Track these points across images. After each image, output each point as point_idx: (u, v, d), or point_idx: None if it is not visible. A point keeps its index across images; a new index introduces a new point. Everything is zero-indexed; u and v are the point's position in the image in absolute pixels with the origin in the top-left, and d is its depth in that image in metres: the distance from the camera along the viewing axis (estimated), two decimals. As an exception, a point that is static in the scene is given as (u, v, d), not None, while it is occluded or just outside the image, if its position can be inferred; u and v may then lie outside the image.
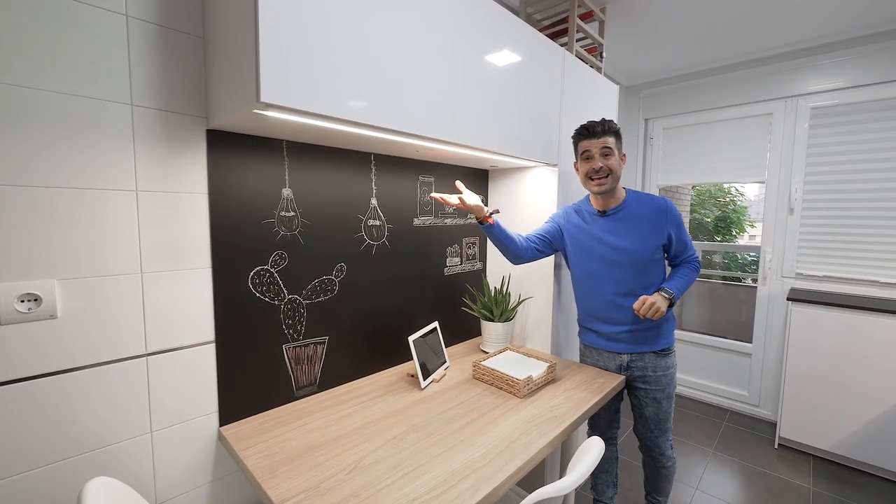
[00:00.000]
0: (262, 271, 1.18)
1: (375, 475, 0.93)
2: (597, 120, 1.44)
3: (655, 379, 1.49)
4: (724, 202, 7.10)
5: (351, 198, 1.38)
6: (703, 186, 7.53)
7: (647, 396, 1.51)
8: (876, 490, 2.02)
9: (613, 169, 1.41)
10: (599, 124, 1.42)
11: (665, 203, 1.46)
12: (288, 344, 1.25)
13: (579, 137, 1.47)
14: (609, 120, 1.43)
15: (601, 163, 1.41)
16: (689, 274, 1.47)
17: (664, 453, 1.57)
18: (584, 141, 1.45)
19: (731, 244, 6.33)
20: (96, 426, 0.93)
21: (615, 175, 1.42)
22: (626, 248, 1.44)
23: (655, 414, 1.52)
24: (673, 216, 1.45)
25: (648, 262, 1.44)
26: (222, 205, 1.08)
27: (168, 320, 1.01)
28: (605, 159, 1.41)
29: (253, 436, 1.08)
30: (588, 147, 1.43)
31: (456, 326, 1.85)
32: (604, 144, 1.41)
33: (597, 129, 1.42)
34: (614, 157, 1.42)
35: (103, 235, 0.91)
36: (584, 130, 1.45)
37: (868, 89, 2.27)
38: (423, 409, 1.25)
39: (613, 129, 1.43)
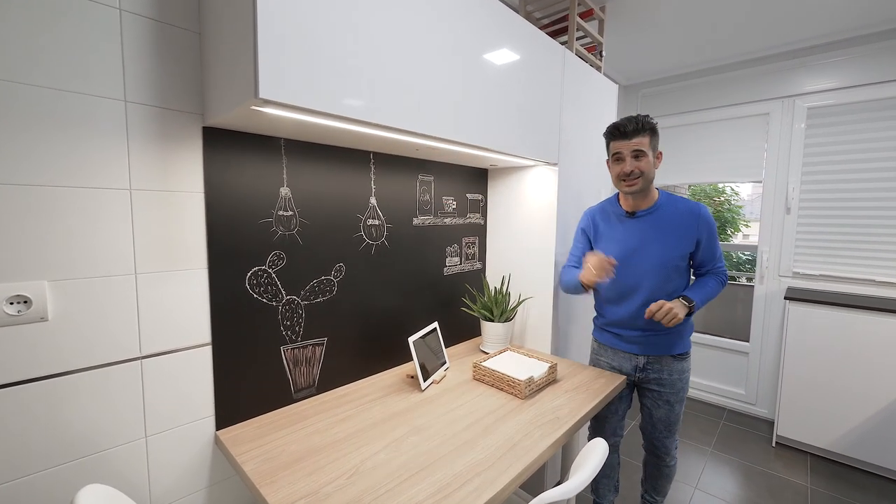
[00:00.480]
0: (259, 272, 1.15)
1: (377, 479, 0.91)
2: (630, 117, 1.36)
3: (671, 382, 1.46)
4: (718, 201, 7.15)
5: (350, 197, 1.36)
6: (699, 186, 7.58)
7: (661, 398, 1.48)
8: (873, 488, 2.03)
9: (645, 171, 1.35)
10: (632, 122, 1.34)
11: (699, 209, 1.39)
12: (286, 345, 1.23)
13: (610, 137, 1.41)
14: (644, 116, 1.35)
15: (632, 166, 1.34)
16: (714, 285, 1.41)
17: (669, 453, 1.55)
18: (615, 141, 1.38)
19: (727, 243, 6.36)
20: (89, 431, 0.91)
21: (647, 177, 1.36)
22: (651, 253, 1.39)
23: (667, 416, 1.50)
24: (706, 224, 1.38)
25: (673, 269, 1.39)
26: (219, 204, 1.06)
27: (163, 322, 0.99)
28: (637, 161, 1.35)
29: (250, 440, 1.06)
30: (619, 149, 1.37)
31: (455, 326, 1.83)
32: (636, 147, 1.34)
33: (628, 129, 1.34)
34: (647, 158, 1.34)
35: (96, 235, 0.89)
36: (615, 130, 1.38)
37: (863, 89, 2.28)
38: (424, 410, 1.23)
39: (648, 127, 1.34)
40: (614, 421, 1.58)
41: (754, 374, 2.71)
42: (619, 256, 1.40)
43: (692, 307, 1.35)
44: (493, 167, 1.83)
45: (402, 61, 1.03)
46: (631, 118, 1.35)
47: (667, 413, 1.49)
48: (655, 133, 1.37)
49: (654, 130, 1.36)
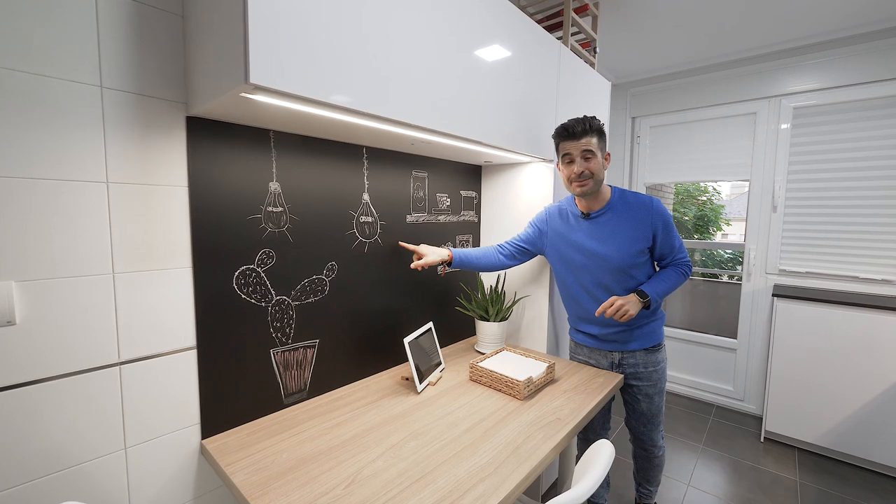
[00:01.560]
0: (247, 271, 1.09)
1: (376, 488, 0.86)
2: (578, 118, 1.36)
3: (647, 375, 1.49)
4: (701, 201, 7.29)
5: (342, 193, 1.31)
6: (683, 185, 7.72)
7: (640, 392, 1.51)
8: (860, 481, 2.07)
9: (595, 172, 1.35)
10: (580, 123, 1.35)
11: (651, 203, 1.40)
12: (276, 348, 1.17)
13: (559, 138, 1.40)
14: (591, 117, 1.36)
15: (581, 167, 1.35)
16: (673, 276, 1.42)
17: (656, 444, 1.58)
18: (565, 142, 1.38)
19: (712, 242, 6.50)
20: (65, 443, 0.84)
21: (597, 178, 1.37)
22: (608, 255, 1.41)
23: (649, 409, 1.52)
24: (660, 216, 1.39)
25: (632, 266, 1.40)
26: (204, 199, 1.00)
27: (144, 325, 0.92)
28: (587, 162, 1.35)
29: (239, 448, 1.00)
30: (568, 150, 1.37)
31: (450, 326, 1.79)
32: (585, 147, 1.34)
33: (577, 130, 1.34)
34: (596, 159, 1.36)
35: (69, 232, 0.82)
36: (563, 131, 1.38)
37: (848, 90, 2.33)
38: (422, 414, 1.19)
39: (596, 128, 1.36)
40: (600, 417, 1.60)
41: (742, 370, 2.75)
42: (578, 258, 1.46)
43: (647, 301, 1.36)
44: (488, 164, 1.80)
45: (398, 50, 0.99)
46: (579, 119, 1.36)
47: (648, 406, 1.52)
48: (603, 134, 1.40)
49: (601, 132, 1.38)
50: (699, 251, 5.45)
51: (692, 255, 5.31)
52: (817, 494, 1.96)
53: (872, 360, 2.07)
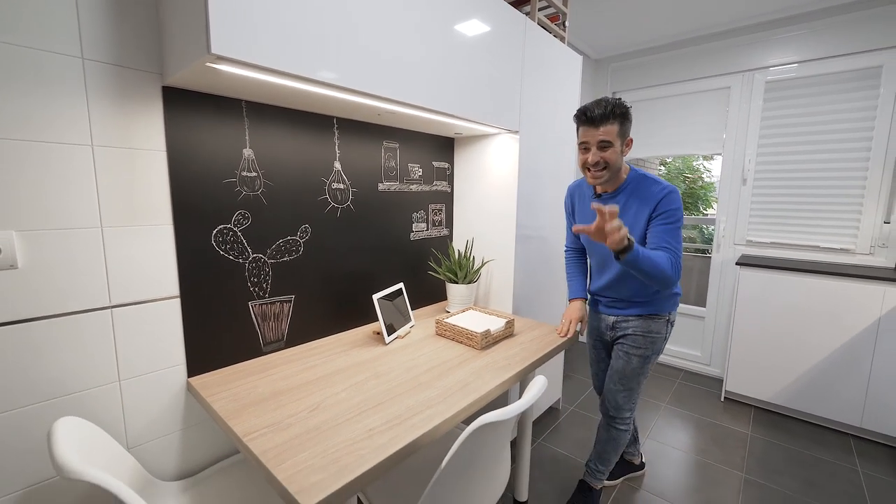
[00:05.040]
0: (225, 230, 1.21)
1: (336, 412, 1.00)
2: (600, 100, 1.26)
3: (634, 337, 1.47)
4: (692, 178, 7.36)
5: (314, 160, 1.41)
6: (673, 164, 7.77)
7: (621, 350, 1.51)
8: (805, 433, 2.24)
9: (611, 162, 1.29)
10: (601, 107, 1.25)
11: (660, 193, 1.30)
12: (254, 301, 1.30)
13: (578, 122, 1.33)
14: (615, 101, 1.26)
15: (596, 157, 1.29)
16: (661, 256, 1.25)
17: (620, 412, 1.53)
18: (583, 128, 1.31)
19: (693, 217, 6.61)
20: (62, 374, 0.97)
21: (613, 167, 1.31)
22: None
23: (623, 368, 1.49)
24: (665, 204, 1.29)
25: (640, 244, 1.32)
26: (181, 163, 1.10)
27: (131, 274, 1.04)
28: (602, 152, 1.28)
29: (220, 384, 1.14)
30: (585, 138, 1.30)
31: (422, 291, 1.92)
32: (603, 136, 1.27)
33: (595, 115, 1.26)
34: (613, 148, 1.28)
35: (61, 189, 0.93)
36: (581, 115, 1.30)
37: (820, 64, 2.39)
38: (387, 360, 1.32)
39: (618, 113, 1.26)
40: (601, 374, 1.69)
41: (709, 336, 2.90)
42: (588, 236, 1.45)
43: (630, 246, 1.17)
44: (459, 136, 1.89)
45: (359, 21, 1.07)
46: (601, 102, 1.26)
47: (623, 365, 1.49)
48: (627, 119, 1.29)
49: (624, 116, 1.28)
50: (687, 227, 5.56)
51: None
52: (764, 445, 2.13)
53: (826, 324, 2.20)
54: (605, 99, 1.28)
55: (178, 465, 1.18)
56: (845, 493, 1.79)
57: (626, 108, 1.29)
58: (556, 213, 2.09)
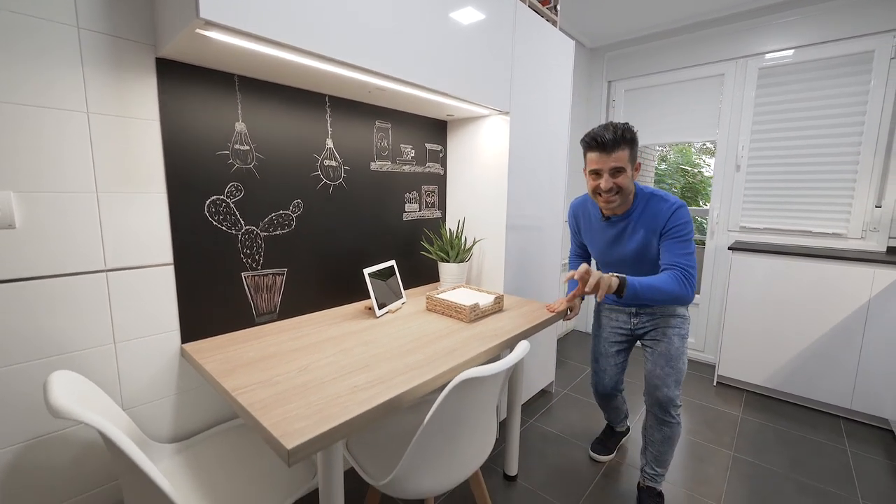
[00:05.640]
0: (217, 201, 1.24)
1: (323, 373, 1.03)
2: (608, 125, 1.28)
3: (664, 318, 1.48)
4: (692, 173, 7.39)
5: (306, 137, 1.44)
6: (674, 160, 7.79)
7: (658, 333, 1.49)
8: (796, 415, 2.26)
9: (624, 187, 1.30)
10: (610, 131, 1.26)
11: (668, 211, 1.33)
12: (247, 272, 1.33)
13: (587, 147, 1.33)
14: (623, 126, 1.27)
15: (609, 184, 1.29)
16: (664, 278, 1.28)
17: (672, 404, 1.43)
18: (593, 153, 1.31)
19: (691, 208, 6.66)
20: (58, 334, 1.00)
21: (625, 192, 1.32)
22: (623, 253, 1.46)
23: (667, 349, 1.45)
24: (673, 220, 1.32)
25: (650, 262, 1.41)
26: (175, 133, 1.14)
27: (126, 240, 1.08)
28: (615, 178, 1.29)
29: (213, 350, 1.17)
30: (597, 165, 1.30)
31: (415, 271, 1.95)
32: (615, 163, 1.27)
33: (606, 140, 1.26)
34: (625, 173, 1.29)
35: (57, 153, 0.96)
36: (592, 141, 1.30)
37: (813, 49, 2.40)
38: (376, 331, 1.35)
39: (628, 138, 1.27)
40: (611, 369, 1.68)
41: (703, 323, 2.92)
42: (598, 252, 1.56)
43: (622, 285, 1.27)
44: (451, 118, 1.92)
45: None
46: (609, 126, 1.27)
47: (666, 346, 1.45)
48: (635, 143, 1.31)
49: (633, 140, 1.30)
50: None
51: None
52: (755, 426, 2.15)
53: (817, 306, 2.22)
54: (613, 124, 1.29)
55: (172, 429, 1.22)
56: (832, 470, 1.81)
57: (634, 133, 1.30)
58: (547, 196, 2.12)
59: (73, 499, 1.06)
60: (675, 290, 1.28)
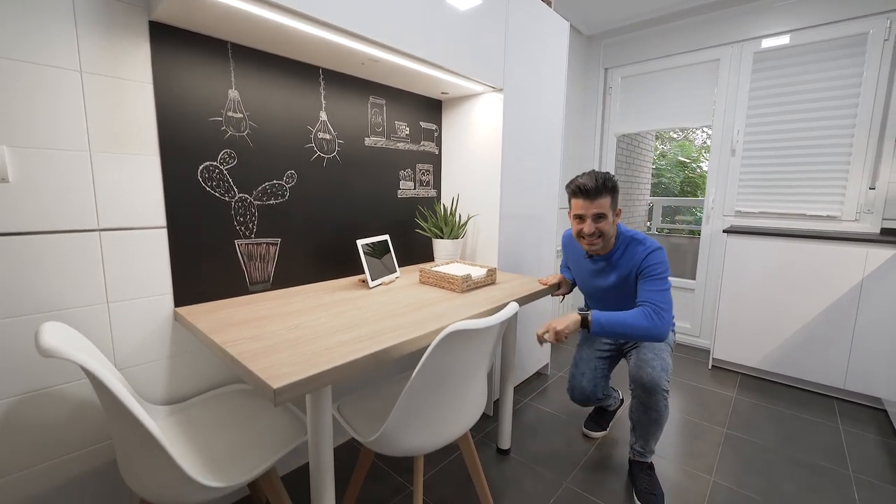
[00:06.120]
0: (210, 167, 1.25)
1: (313, 331, 1.04)
2: (591, 174, 1.39)
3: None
4: (691, 168, 7.42)
5: (300, 108, 1.45)
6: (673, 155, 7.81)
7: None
8: (789, 396, 2.26)
9: (605, 231, 1.41)
10: (593, 181, 1.37)
11: (645, 252, 1.42)
12: (240, 240, 1.34)
13: (572, 195, 1.43)
14: (605, 175, 1.38)
15: (592, 228, 1.40)
16: (634, 314, 1.34)
17: (659, 385, 1.40)
18: (578, 200, 1.41)
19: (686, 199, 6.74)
20: (51, 290, 1.01)
21: (607, 236, 1.43)
22: (606, 286, 1.54)
23: (652, 345, 1.50)
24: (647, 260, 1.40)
25: (630, 294, 1.47)
26: (168, 96, 1.15)
27: (119, 200, 1.09)
28: (598, 223, 1.40)
29: (206, 313, 1.19)
30: (581, 210, 1.41)
31: (409, 249, 1.96)
32: (598, 210, 1.38)
33: (589, 188, 1.36)
34: (607, 220, 1.40)
35: (51, 110, 0.97)
36: (577, 190, 1.40)
37: (806, 33, 2.40)
38: (368, 299, 1.36)
39: (609, 187, 1.38)
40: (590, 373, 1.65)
41: (699, 308, 2.93)
42: (581, 281, 1.66)
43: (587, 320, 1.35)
44: (446, 95, 1.93)
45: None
46: (592, 175, 1.38)
47: (651, 344, 1.50)
48: (616, 192, 1.42)
49: (615, 189, 1.41)
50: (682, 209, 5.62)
51: (673, 212, 5.45)
52: (748, 406, 2.16)
53: (811, 288, 2.23)
54: (596, 173, 1.40)
55: (166, 392, 1.23)
56: (824, 446, 1.82)
57: (615, 182, 1.41)
58: (539, 175, 2.13)
59: (66, 456, 1.07)
60: (644, 324, 1.33)
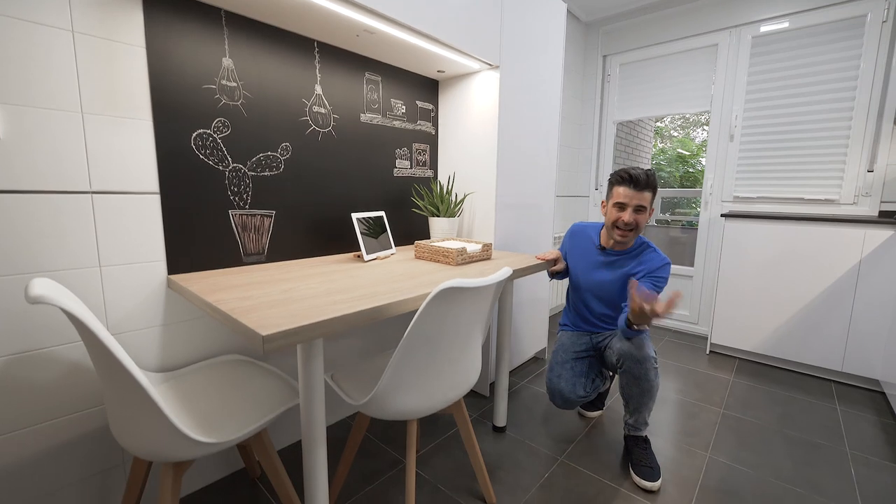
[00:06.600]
0: (204, 135, 1.25)
1: (305, 293, 1.04)
2: (641, 169, 1.43)
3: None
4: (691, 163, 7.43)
5: (294, 81, 1.45)
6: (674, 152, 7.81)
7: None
8: (787, 380, 2.26)
9: (640, 225, 1.46)
10: (644, 174, 1.41)
11: (660, 262, 1.48)
12: (234, 210, 1.34)
13: (619, 182, 1.46)
14: (653, 173, 1.44)
15: (632, 217, 1.44)
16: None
17: (648, 357, 1.39)
18: (623, 188, 1.44)
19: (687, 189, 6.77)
20: (42, 251, 1.01)
21: (638, 231, 1.48)
22: (603, 283, 1.59)
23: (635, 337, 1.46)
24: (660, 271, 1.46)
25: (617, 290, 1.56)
26: (161, 61, 1.14)
27: (111, 164, 1.09)
28: (637, 215, 1.44)
29: (200, 279, 1.18)
30: (625, 198, 1.44)
31: (405, 229, 1.95)
32: (640, 202, 1.43)
33: (640, 180, 1.41)
34: (645, 214, 1.45)
35: (42, 68, 0.97)
36: (627, 177, 1.43)
37: (804, 16, 2.40)
38: (364, 270, 1.36)
39: (654, 185, 1.44)
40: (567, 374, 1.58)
41: (697, 295, 2.92)
42: (580, 271, 1.65)
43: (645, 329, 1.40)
44: (442, 74, 1.92)
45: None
46: (642, 171, 1.43)
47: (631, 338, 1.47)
48: (657, 191, 1.47)
49: (657, 188, 1.46)
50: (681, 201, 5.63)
51: (674, 204, 5.46)
52: (745, 389, 2.16)
53: (809, 270, 2.22)
54: (644, 169, 1.44)
55: (158, 360, 1.22)
56: (821, 425, 1.81)
57: (657, 182, 1.46)
58: (535, 154, 2.12)
59: (58, 419, 1.07)
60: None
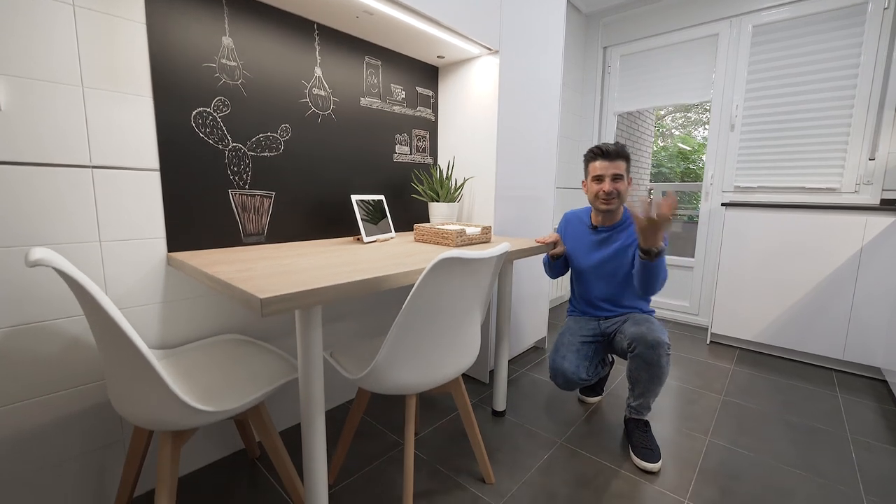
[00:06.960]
0: (204, 113, 1.25)
1: (303, 267, 1.04)
2: (610, 143, 1.55)
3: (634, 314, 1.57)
4: (692, 159, 7.42)
5: (294, 62, 1.45)
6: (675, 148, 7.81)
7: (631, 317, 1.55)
8: (788, 368, 2.25)
9: (622, 192, 1.54)
10: (613, 146, 1.53)
11: None
12: (234, 190, 1.34)
13: (593, 157, 1.57)
14: (622, 145, 1.54)
15: (611, 186, 1.52)
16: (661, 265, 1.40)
17: (662, 342, 1.39)
18: (597, 162, 1.55)
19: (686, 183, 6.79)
20: (43, 223, 1.01)
21: (622, 198, 1.55)
22: (601, 260, 1.61)
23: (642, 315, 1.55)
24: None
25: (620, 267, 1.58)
26: (161, 37, 1.15)
27: (111, 139, 1.09)
28: (615, 183, 1.53)
29: (199, 256, 1.18)
30: (601, 171, 1.53)
31: (405, 216, 1.96)
32: (616, 170, 1.51)
33: (610, 151, 1.51)
34: (623, 182, 1.54)
35: (42, 41, 0.97)
36: (598, 151, 1.54)
37: (805, 4, 2.39)
38: (362, 252, 1.36)
39: (625, 155, 1.53)
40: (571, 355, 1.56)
41: (697, 286, 2.91)
42: (579, 254, 1.67)
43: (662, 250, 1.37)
44: (442, 59, 1.92)
45: None
46: (610, 144, 1.54)
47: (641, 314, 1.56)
48: (629, 160, 1.56)
49: (629, 158, 1.56)
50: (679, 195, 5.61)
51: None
52: (746, 377, 2.15)
53: (810, 258, 2.22)
54: (613, 142, 1.56)
55: (158, 337, 1.23)
56: (822, 411, 1.81)
57: (628, 152, 1.56)
58: (535, 142, 2.12)
59: (59, 392, 1.07)
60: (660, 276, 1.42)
